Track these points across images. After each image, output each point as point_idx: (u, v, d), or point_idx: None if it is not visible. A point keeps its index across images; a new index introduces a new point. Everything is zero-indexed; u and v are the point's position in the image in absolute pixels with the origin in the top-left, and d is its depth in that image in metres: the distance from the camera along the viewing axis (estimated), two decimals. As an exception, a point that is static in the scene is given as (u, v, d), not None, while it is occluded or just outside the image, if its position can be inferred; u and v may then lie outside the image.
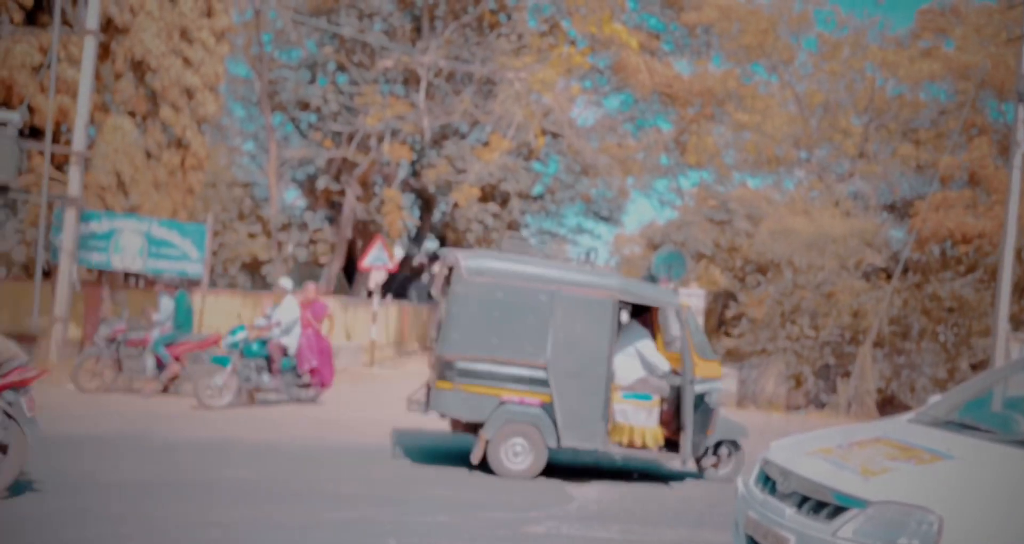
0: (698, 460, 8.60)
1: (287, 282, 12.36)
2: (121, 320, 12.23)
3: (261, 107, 22.66)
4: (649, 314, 8.99)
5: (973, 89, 18.42)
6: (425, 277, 35.10)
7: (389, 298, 23.38)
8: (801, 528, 4.16)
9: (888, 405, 16.82)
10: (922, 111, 21.85)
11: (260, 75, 21.77)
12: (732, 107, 23.37)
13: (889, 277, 18.15)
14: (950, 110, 20.78)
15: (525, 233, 36.02)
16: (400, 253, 28.85)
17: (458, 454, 9.22)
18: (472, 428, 8.33)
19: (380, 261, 19.17)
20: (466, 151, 23.01)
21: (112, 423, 9.64)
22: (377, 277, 19.61)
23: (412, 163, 24.35)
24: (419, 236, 29.97)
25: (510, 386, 7.87)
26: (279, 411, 11.50)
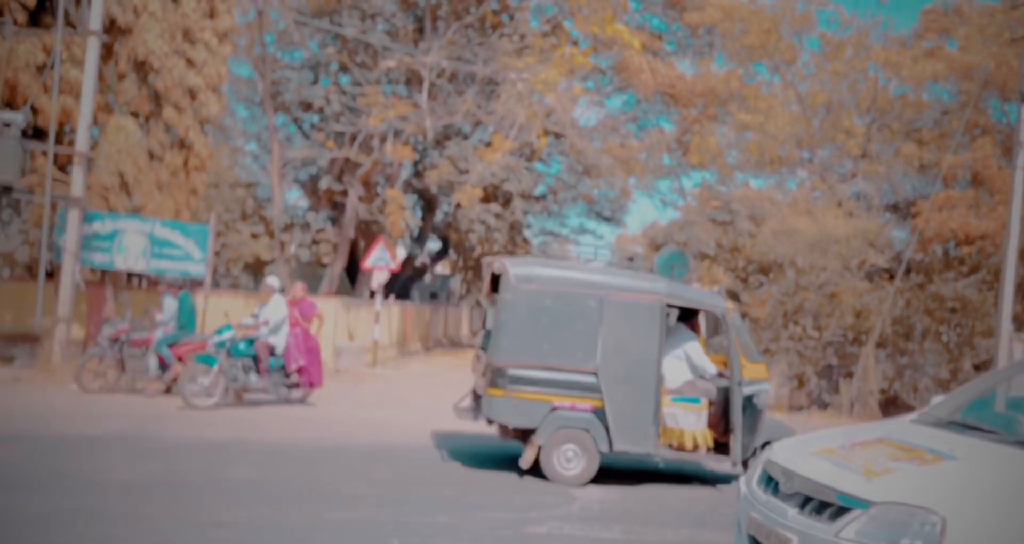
0: (744, 462, 8.59)
1: (274, 281, 12.15)
2: (124, 320, 12.24)
3: (264, 108, 22.69)
4: (696, 317, 9.01)
5: (976, 89, 18.40)
6: (427, 277, 35.15)
7: (391, 298, 23.40)
8: (804, 529, 4.16)
9: (891, 406, 16.80)
10: (925, 111, 21.82)
11: (263, 76, 21.80)
12: (735, 107, 23.35)
13: (892, 278, 18.13)
14: (953, 110, 20.75)
15: (527, 233, 36.10)
16: (402, 253, 28.89)
17: (460, 455, 9.23)
18: (522, 435, 8.30)
19: (383, 261, 19.21)
20: (468, 151, 23.03)
21: (114, 423, 9.65)
22: (379, 277, 19.65)
23: (415, 163, 24.38)
24: (421, 236, 30.01)
25: (561, 392, 7.89)
26: (280, 411, 11.50)
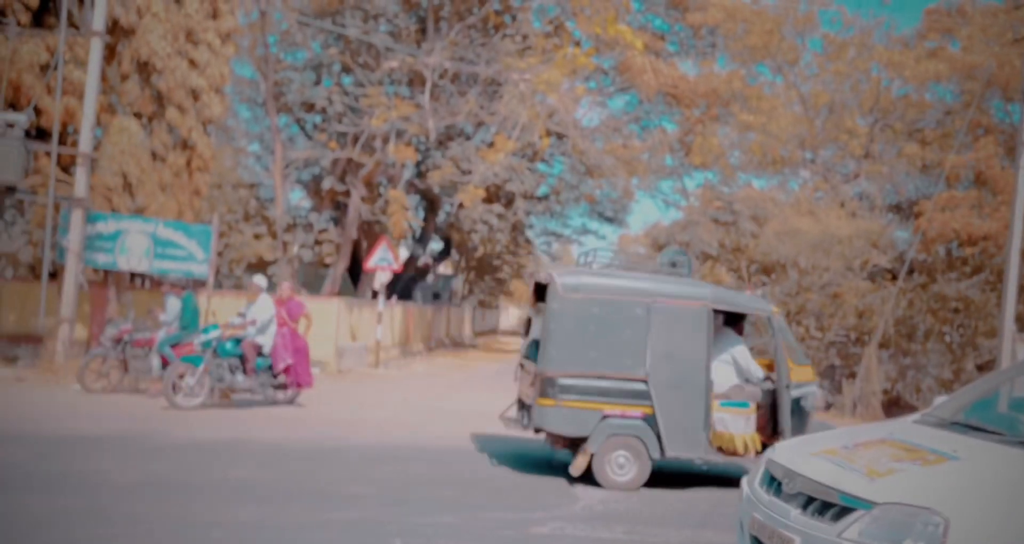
0: None
1: (261, 280, 12.02)
2: (127, 321, 12.25)
3: (267, 108, 22.71)
4: (741, 322, 9.01)
5: (979, 89, 18.38)
6: (430, 278, 35.14)
7: (394, 299, 23.42)
8: (806, 529, 4.16)
9: (894, 406, 16.79)
10: (928, 111, 21.80)
11: (265, 76, 21.82)
12: (737, 108, 23.35)
13: (895, 278, 18.11)
14: (956, 110, 20.73)
15: (529, 234, 36.10)
16: (405, 254, 28.91)
17: (461, 455, 9.23)
18: (570, 443, 8.32)
19: (385, 262, 19.24)
20: (471, 152, 23.04)
21: (117, 423, 9.67)
22: (382, 278, 19.67)
23: (417, 164, 24.39)
24: (424, 237, 30.02)
25: (611, 400, 7.91)
26: (281, 411, 11.50)
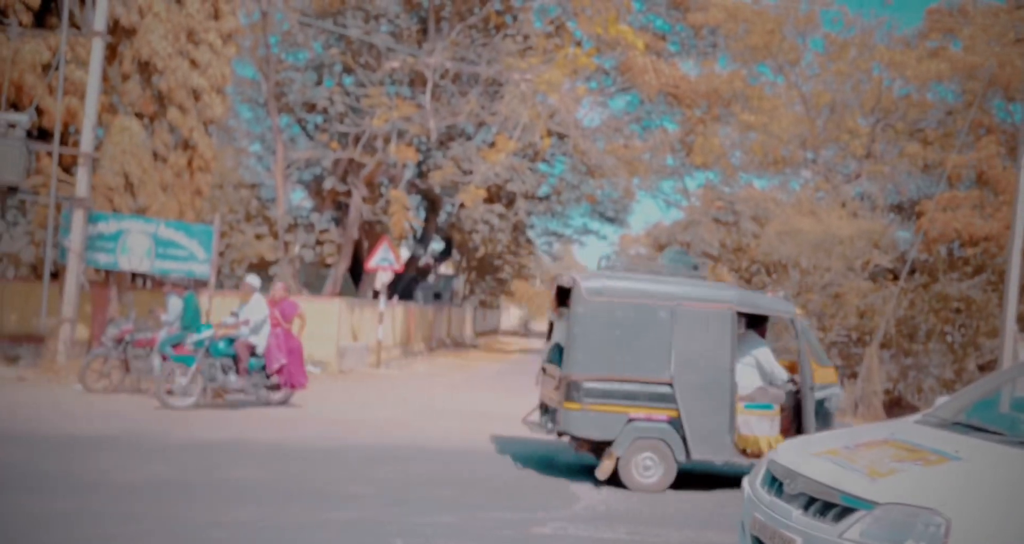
0: None
1: (254, 280, 11.89)
2: (128, 321, 12.25)
3: (268, 109, 22.71)
4: (764, 324, 9.00)
5: (981, 89, 18.36)
6: (431, 278, 35.15)
7: (395, 299, 23.43)
8: (808, 529, 4.16)
9: (895, 406, 16.78)
10: (929, 111, 21.78)
11: (267, 77, 21.83)
12: (738, 108, 23.34)
13: (896, 278, 18.10)
14: (957, 110, 20.72)
15: (531, 234, 36.11)
16: (406, 254, 28.92)
17: (463, 455, 9.23)
18: (595, 447, 8.35)
19: (386, 262, 19.25)
20: (472, 152, 23.04)
21: (118, 423, 9.67)
22: (383, 278, 19.68)
23: (418, 164, 24.39)
24: (425, 237, 30.03)
25: (637, 403, 7.94)
26: (282, 411, 11.50)
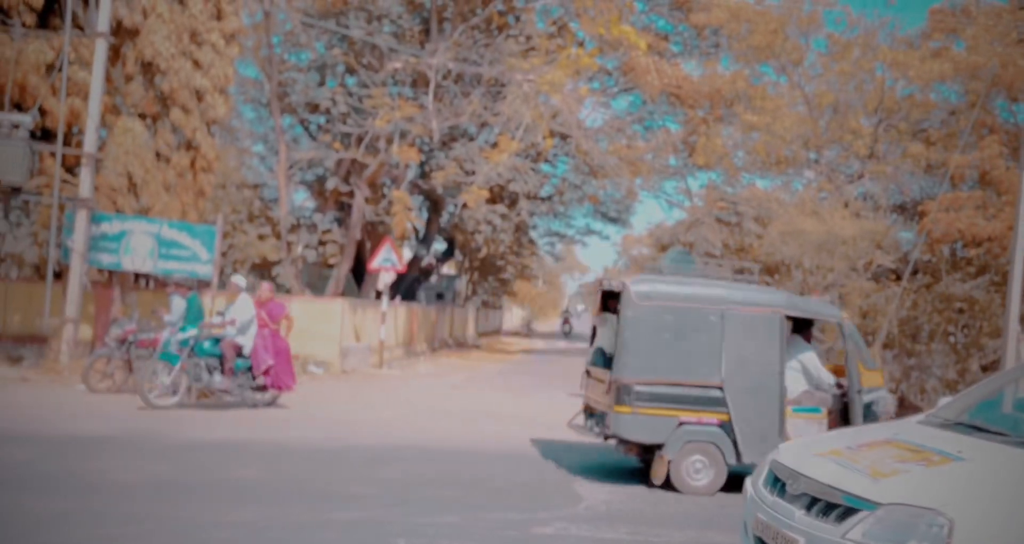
0: None
1: (241, 280, 11.79)
2: (132, 321, 12.27)
3: (271, 109, 22.73)
4: (809, 328, 9.02)
5: (983, 89, 18.33)
6: (433, 278, 35.16)
7: (398, 299, 23.44)
8: (810, 530, 4.16)
9: (898, 406, 16.75)
10: (932, 111, 21.75)
11: (270, 77, 21.84)
12: (741, 108, 23.32)
13: (899, 278, 18.08)
14: (960, 110, 20.69)
15: (533, 234, 36.11)
16: (408, 254, 28.94)
17: (465, 455, 9.23)
18: (642, 450, 8.36)
19: (389, 262, 19.26)
20: (474, 153, 23.04)
21: (121, 424, 9.69)
22: (386, 278, 19.69)
23: (421, 165, 24.40)
24: (427, 237, 30.04)
25: (687, 407, 7.97)
26: (284, 411, 11.51)
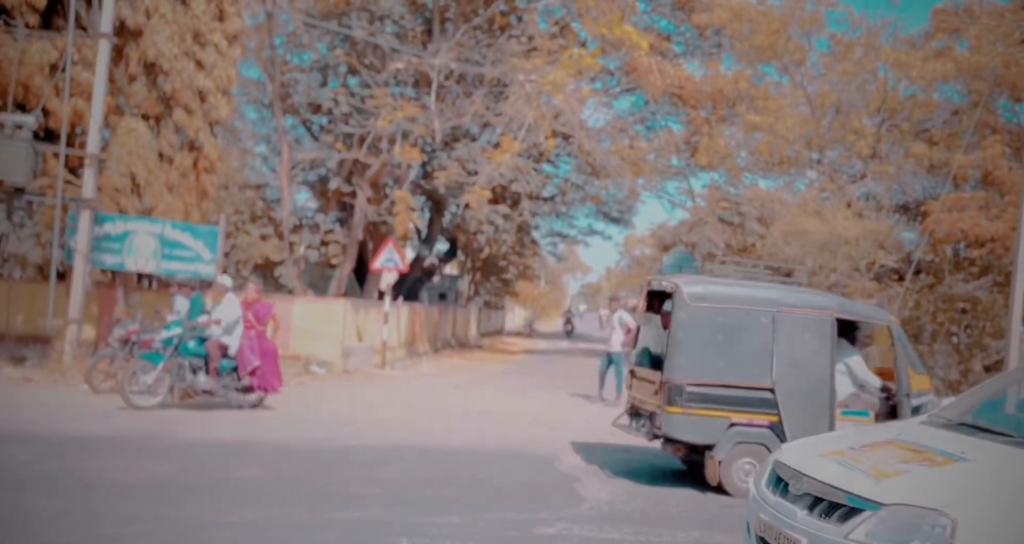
0: None
1: (226, 280, 11.66)
2: (135, 321, 12.27)
3: (273, 110, 22.75)
4: (855, 331, 9.02)
5: (986, 89, 18.32)
6: (436, 278, 35.16)
7: (400, 299, 23.45)
8: (813, 530, 4.16)
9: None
10: (935, 111, 21.74)
11: (272, 78, 21.86)
12: (743, 108, 23.33)
13: (902, 279, 18.07)
14: (963, 110, 20.68)
15: (535, 235, 36.10)
16: (411, 254, 28.95)
17: (468, 455, 9.24)
18: (690, 451, 8.38)
19: (391, 263, 19.28)
20: (477, 153, 23.05)
21: (124, 424, 9.70)
22: (388, 278, 19.70)
23: (423, 165, 24.41)
24: (430, 237, 30.06)
25: (738, 408, 8.01)
26: (286, 411, 11.52)
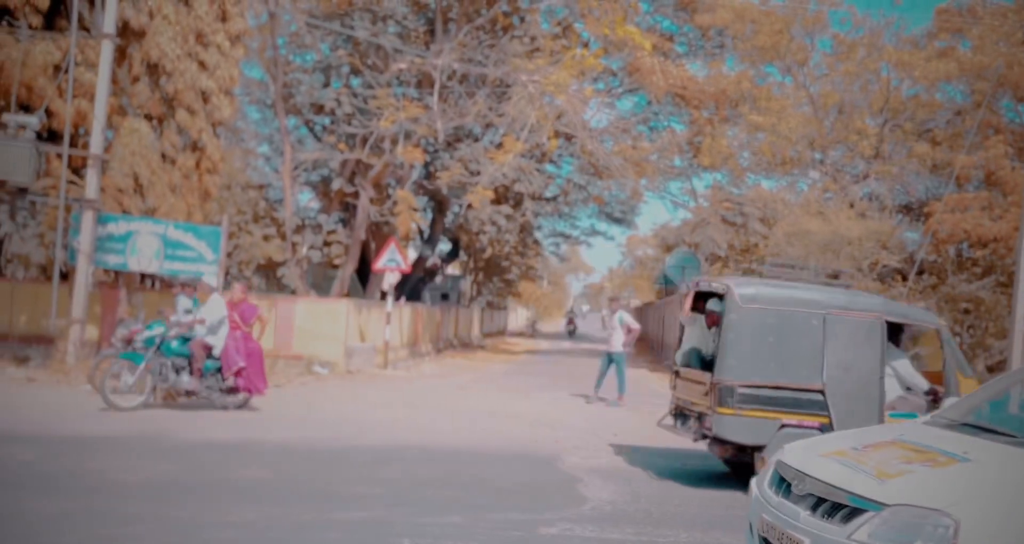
0: None
1: (211, 279, 11.60)
2: (138, 322, 12.27)
3: (276, 110, 22.78)
4: (900, 334, 9.02)
5: (989, 89, 18.30)
6: (438, 278, 35.19)
7: (403, 300, 23.45)
8: (816, 530, 4.15)
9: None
10: (938, 111, 21.72)
11: (275, 78, 21.89)
12: (746, 108, 23.32)
13: (905, 279, 18.05)
14: (966, 110, 20.65)
15: (538, 235, 36.11)
16: (413, 255, 28.96)
17: (469, 456, 9.24)
18: (736, 452, 8.39)
19: (394, 263, 19.29)
20: (479, 153, 23.06)
21: (127, 424, 9.72)
22: (391, 279, 19.71)
23: (426, 165, 24.43)
24: (432, 238, 30.08)
25: (789, 410, 8.02)
26: (287, 412, 11.53)
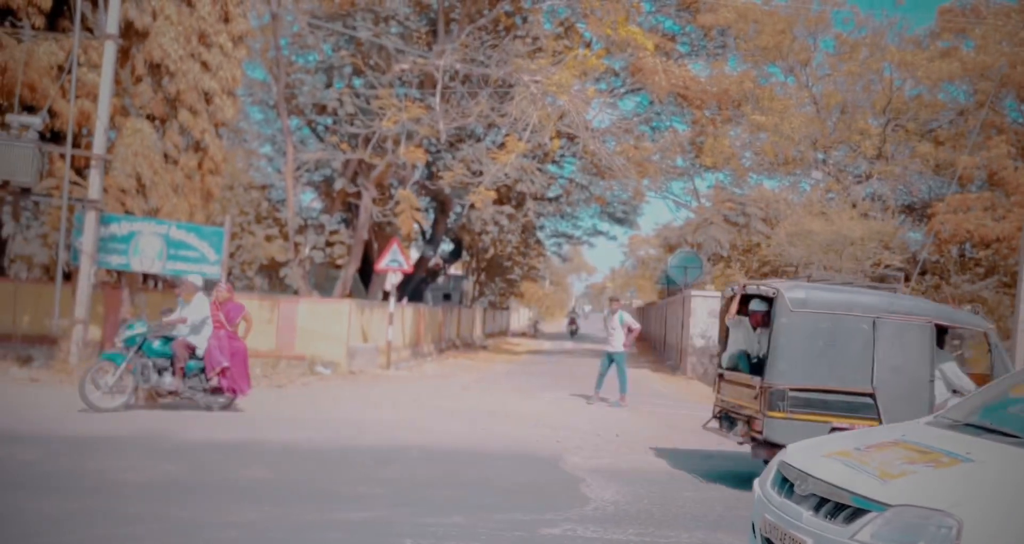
0: None
1: (196, 279, 11.45)
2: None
3: (278, 110, 22.80)
4: (944, 337, 9.05)
5: (992, 89, 18.28)
6: (441, 279, 35.20)
7: (405, 300, 23.46)
8: (818, 531, 4.15)
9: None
10: (941, 112, 21.70)
11: (277, 79, 21.91)
12: (749, 108, 23.31)
13: (907, 279, 18.02)
14: (969, 110, 20.64)
15: (540, 235, 36.11)
16: (415, 255, 28.98)
17: (470, 456, 9.24)
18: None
19: (396, 263, 19.31)
20: (482, 153, 23.06)
21: (129, 424, 9.73)
22: (393, 279, 19.73)
23: (428, 165, 24.44)
24: (435, 238, 30.09)
25: (839, 413, 8.05)
26: (289, 412, 11.54)
